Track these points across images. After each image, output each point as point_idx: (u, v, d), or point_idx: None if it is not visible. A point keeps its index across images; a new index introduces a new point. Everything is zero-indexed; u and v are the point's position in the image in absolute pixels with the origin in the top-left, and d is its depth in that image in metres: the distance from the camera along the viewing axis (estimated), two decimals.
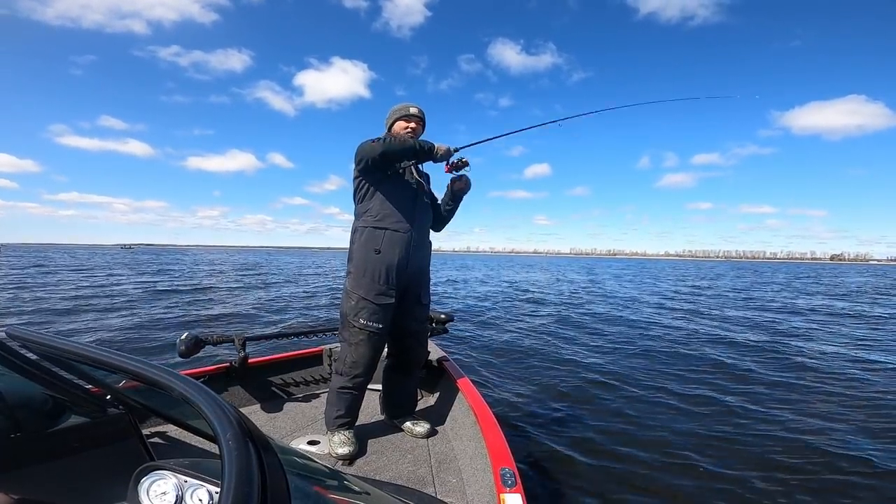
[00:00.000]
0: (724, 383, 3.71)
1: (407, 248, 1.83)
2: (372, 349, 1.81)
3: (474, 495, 1.38)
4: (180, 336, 2.11)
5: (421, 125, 1.97)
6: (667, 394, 3.44)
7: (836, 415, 3.00)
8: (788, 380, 3.81)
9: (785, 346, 5.26)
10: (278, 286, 14.01)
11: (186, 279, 15.46)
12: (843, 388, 3.58)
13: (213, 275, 18.44)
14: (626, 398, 3.37)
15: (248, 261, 38.24)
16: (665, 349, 5.09)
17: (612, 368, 4.24)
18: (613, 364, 4.41)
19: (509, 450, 1.35)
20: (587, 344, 5.45)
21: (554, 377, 4.02)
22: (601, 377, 3.95)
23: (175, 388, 0.59)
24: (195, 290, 11.67)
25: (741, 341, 5.57)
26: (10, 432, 0.89)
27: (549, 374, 4.16)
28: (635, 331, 6.37)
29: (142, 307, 8.37)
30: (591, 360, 4.63)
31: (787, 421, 2.86)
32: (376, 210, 1.84)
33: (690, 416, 2.98)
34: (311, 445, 1.86)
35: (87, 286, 11.97)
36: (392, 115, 1.96)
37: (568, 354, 4.91)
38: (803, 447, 2.49)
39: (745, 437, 2.62)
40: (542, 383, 3.85)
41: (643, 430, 2.76)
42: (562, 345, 5.45)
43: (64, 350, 0.72)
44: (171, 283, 13.82)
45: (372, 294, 1.78)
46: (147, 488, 0.78)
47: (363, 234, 1.84)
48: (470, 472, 1.54)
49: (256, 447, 0.52)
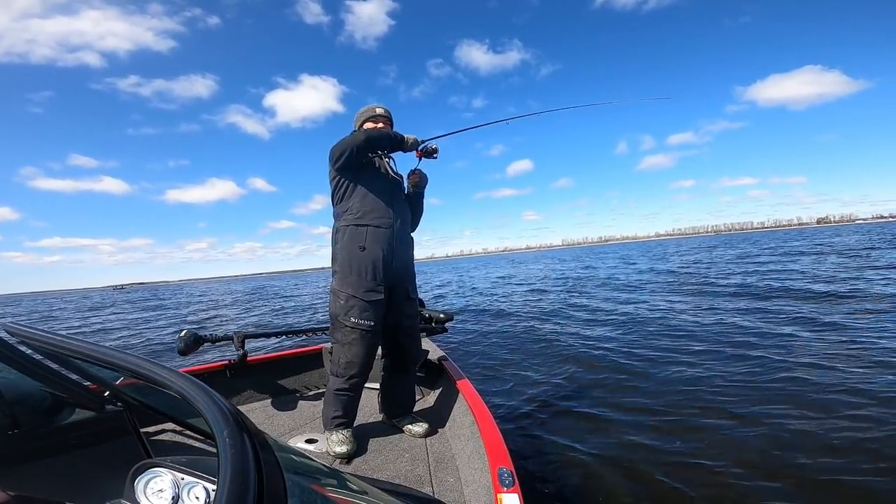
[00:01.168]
0: (731, 376, 3.71)
1: (391, 243, 1.83)
2: (365, 348, 1.79)
3: (472, 495, 1.39)
4: (179, 333, 2.12)
5: (389, 124, 2.02)
6: (667, 394, 3.44)
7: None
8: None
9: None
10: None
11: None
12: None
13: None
14: (627, 398, 3.37)
15: (247, 287, 37.80)
16: (670, 342, 5.09)
17: (612, 368, 4.24)
18: (613, 364, 4.41)
19: (507, 450, 1.35)
20: (587, 344, 5.45)
21: (553, 377, 4.02)
22: (601, 377, 3.95)
23: (173, 385, 0.59)
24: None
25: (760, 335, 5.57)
26: (9, 429, 0.89)
27: (547, 373, 4.16)
28: (636, 327, 6.37)
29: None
30: (590, 360, 4.63)
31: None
32: (357, 207, 1.84)
33: (691, 414, 2.98)
34: (308, 444, 1.86)
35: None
36: (359, 117, 2.00)
37: (568, 355, 4.91)
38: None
39: (748, 437, 2.62)
40: (542, 383, 3.85)
41: (644, 429, 2.76)
42: (561, 345, 5.45)
43: (63, 347, 0.72)
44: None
45: (361, 291, 1.78)
46: (144, 485, 0.78)
47: (345, 232, 1.84)
48: (468, 472, 1.54)
49: (254, 445, 0.52)
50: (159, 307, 18.40)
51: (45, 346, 0.75)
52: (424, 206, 2.15)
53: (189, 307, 17.26)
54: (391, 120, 2.04)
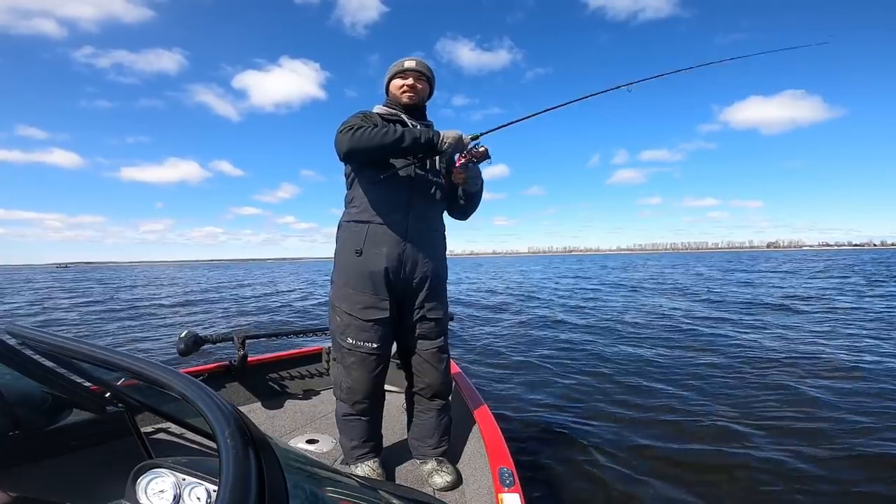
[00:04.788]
0: (726, 382, 3.71)
1: (400, 246, 1.45)
2: (368, 372, 1.48)
3: (473, 494, 1.39)
4: (180, 334, 2.12)
5: (424, 82, 1.56)
6: (668, 392, 3.44)
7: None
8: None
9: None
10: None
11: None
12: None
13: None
14: (626, 397, 3.37)
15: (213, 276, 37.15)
16: (667, 345, 5.10)
17: (612, 368, 4.24)
18: (613, 363, 4.41)
19: (508, 449, 1.35)
20: (586, 343, 5.45)
21: (553, 377, 4.02)
22: (600, 376, 3.95)
23: (174, 385, 0.59)
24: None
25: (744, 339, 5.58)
26: (9, 430, 0.89)
27: (548, 373, 4.16)
28: (637, 327, 6.38)
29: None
30: (589, 359, 4.63)
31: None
32: (360, 199, 1.48)
33: (691, 414, 2.98)
34: (309, 444, 1.86)
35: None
36: (387, 74, 1.58)
37: (567, 354, 4.91)
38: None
39: (754, 435, 2.62)
40: (542, 383, 3.85)
41: (643, 429, 2.76)
42: (560, 344, 5.45)
43: (63, 348, 0.72)
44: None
45: (357, 308, 1.45)
46: (145, 486, 0.78)
47: (345, 231, 1.51)
48: (469, 472, 1.54)
49: (255, 445, 0.52)
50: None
51: (46, 347, 0.75)
52: (480, 201, 1.67)
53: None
54: (429, 78, 1.57)
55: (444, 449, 1.60)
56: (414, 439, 1.64)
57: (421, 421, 1.61)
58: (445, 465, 1.56)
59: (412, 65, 1.52)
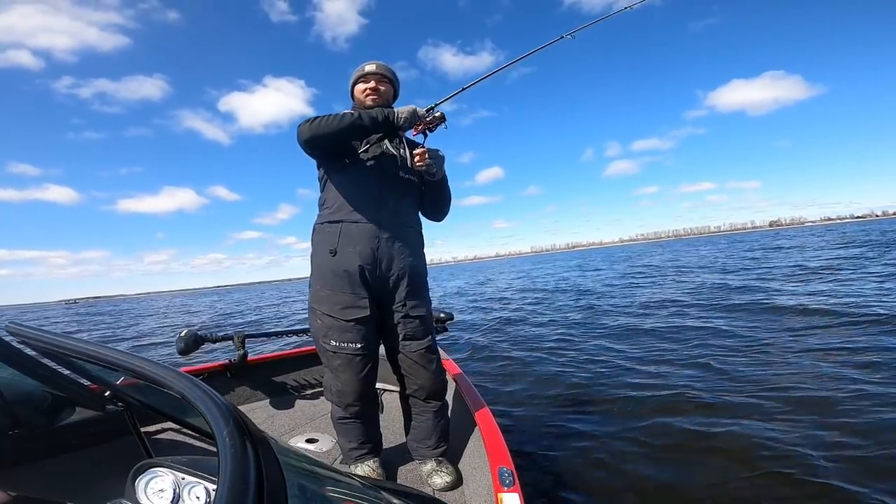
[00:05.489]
0: (727, 374, 3.71)
1: (373, 242, 1.44)
2: (356, 374, 1.47)
3: (472, 494, 1.39)
4: (179, 333, 2.12)
5: (387, 83, 1.59)
6: (668, 393, 3.43)
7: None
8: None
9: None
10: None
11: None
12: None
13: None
14: (626, 396, 3.37)
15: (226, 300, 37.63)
16: (668, 343, 5.09)
17: (612, 367, 4.24)
18: (613, 363, 4.41)
19: (507, 449, 1.35)
20: (586, 343, 5.44)
21: (553, 377, 4.02)
22: (600, 376, 3.95)
23: (173, 385, 0.59)
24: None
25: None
26: (9, 429, 0.89)
27: (548, 373, 4.15)
28: (637, 326, 6.37)
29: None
30: (589, 359, 4.63)
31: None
32: (332, 199, 1.49)
33: (692, 414, 2.98)
34: (309, 444, 1.86)
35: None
36: (351, 80, 1.62)
37: (567, 354, 4.91)
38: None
39: (754, 436, 2.62)
40: (542, 383, 3.85)
41: (643, 429, 2.76)
42: (560, 345, 5.45)
43: (63, 347, 0.72)
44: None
45: (336, 309, 1.44)
46: (145, 485, 0.78)
47: (319, 233, 1.51)
48: (468, 471, 1.54)
49: (254, 445, 0.52)
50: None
51: (46, 346, 0.75)
52: (450, 192, 1.70)
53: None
54: (391, 80, 1.61)
55: (443, 449, 1.60)
56: (413, 441, 1.64)
57: (419, 423, 1.61)
58: (445, 465, 1.57)
59: (372, 68, 1.57)
